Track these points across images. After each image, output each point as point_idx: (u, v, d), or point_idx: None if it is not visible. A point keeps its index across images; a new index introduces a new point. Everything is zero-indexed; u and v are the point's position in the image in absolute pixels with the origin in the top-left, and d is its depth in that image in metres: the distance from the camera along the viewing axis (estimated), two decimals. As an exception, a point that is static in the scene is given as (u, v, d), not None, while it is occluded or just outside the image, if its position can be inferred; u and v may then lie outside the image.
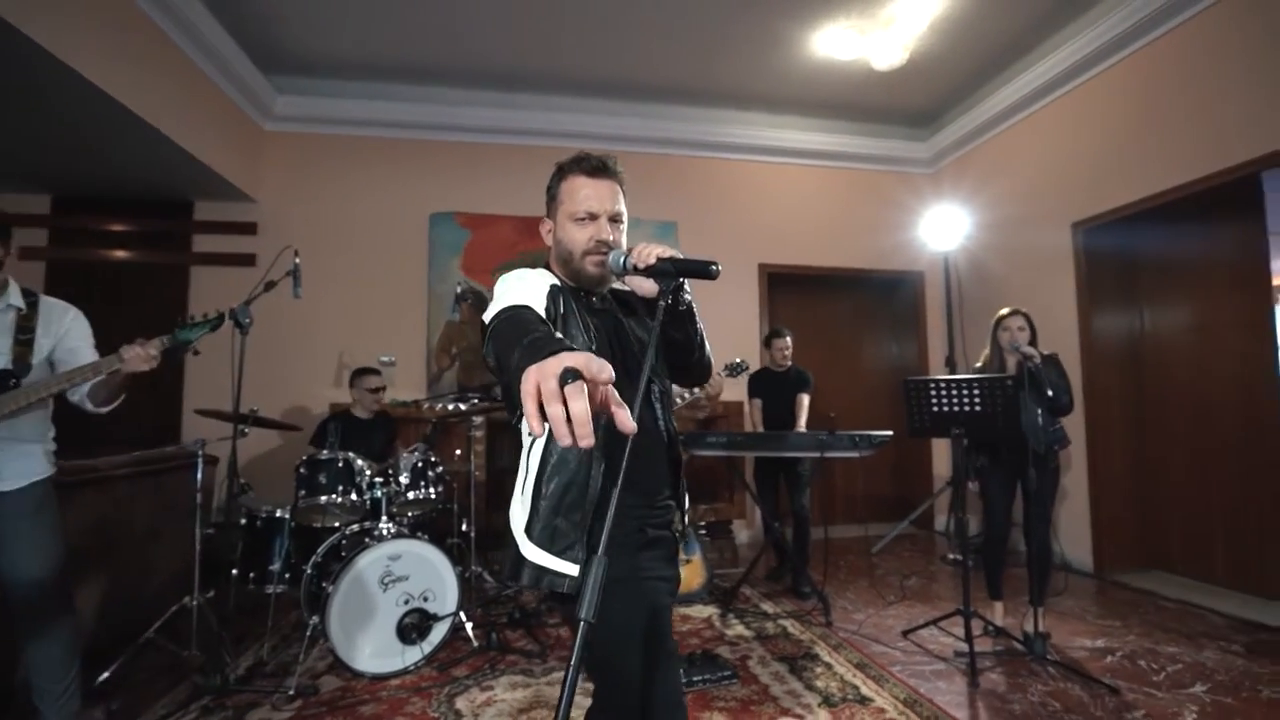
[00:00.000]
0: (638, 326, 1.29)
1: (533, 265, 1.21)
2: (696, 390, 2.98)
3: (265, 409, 3.18)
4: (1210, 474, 3.65)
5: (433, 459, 3.08)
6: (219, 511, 3.48)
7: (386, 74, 4.31)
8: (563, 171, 1.27)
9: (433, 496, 3.01)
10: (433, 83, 4.45)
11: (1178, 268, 3.87)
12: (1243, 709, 2.22)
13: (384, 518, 2.78)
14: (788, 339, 3.90)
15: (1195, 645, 2.80)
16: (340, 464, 2.78)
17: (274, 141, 4.50)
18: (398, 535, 2.68)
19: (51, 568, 1.91)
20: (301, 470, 2.77)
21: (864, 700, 2.30)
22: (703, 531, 4.31)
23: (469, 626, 2.81)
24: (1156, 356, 3.99)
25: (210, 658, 2.47)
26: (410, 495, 2.93)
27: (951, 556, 4.27)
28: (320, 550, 2.74)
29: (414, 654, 2.61)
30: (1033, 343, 2.84)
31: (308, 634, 2.51)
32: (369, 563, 2.56)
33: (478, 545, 3.39)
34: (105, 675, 2.34)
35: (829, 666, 2.60)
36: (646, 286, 1.18)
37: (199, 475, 2.61)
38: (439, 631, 2.68)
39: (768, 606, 3.40)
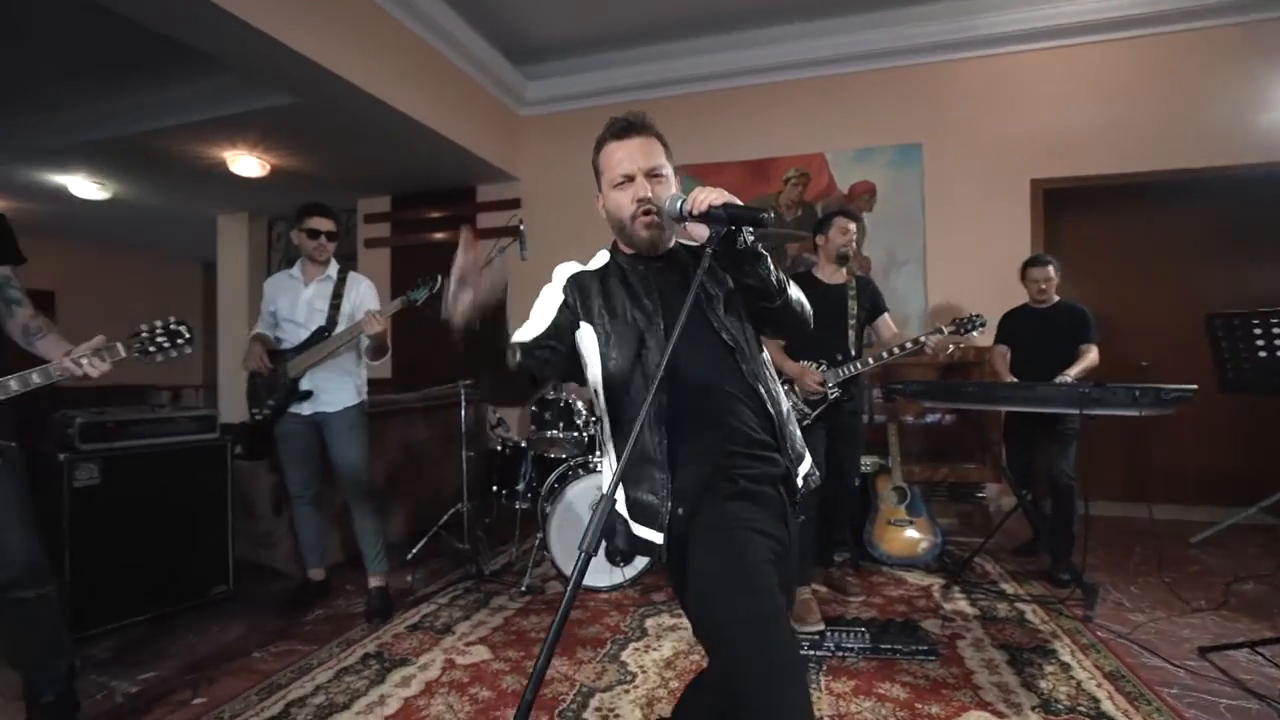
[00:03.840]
0: (709, 282, 1.25)
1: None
2: (909, 344, 2.62)
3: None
4: None
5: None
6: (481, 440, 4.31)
7: (612, 43, 4.54)
8: (599, 144, 1.28)
9: (642, 437, 3.27)
10: (656, 41, 4.54)
11: None
12: None
13: (598, 453, 3.12)
14: (1049, 269, 3.16)
15: None
16: (561, 404, 3.19)
17: (528, 125, 5.15)
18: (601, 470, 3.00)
19: (362, 469, 2.65)
20: (533, 408, 3.27)
21: (1100, 716, 1.86)
22: (941, 493, 3.86)
23: (672, 558, 3.02)
24: None
25: (474, 552, 3.13)
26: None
27: (1329, 562, 3.06)
28: (552, 477, 3.22)
29: (628, 572, 2.92)
30: None
31: (537, 545, 3.00)
32: (579, 491, 2.92)
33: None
34: (411, 554, 3.15)
35: (1065, 668, 2.15)
36: (700, 233, 1.14)
37: (463, 411, 3.27)
38: (642, 559, 2.95)
39: (1008, 586, 2.92)
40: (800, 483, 1.24)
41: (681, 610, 2.49)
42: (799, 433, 1.30)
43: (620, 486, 1.17)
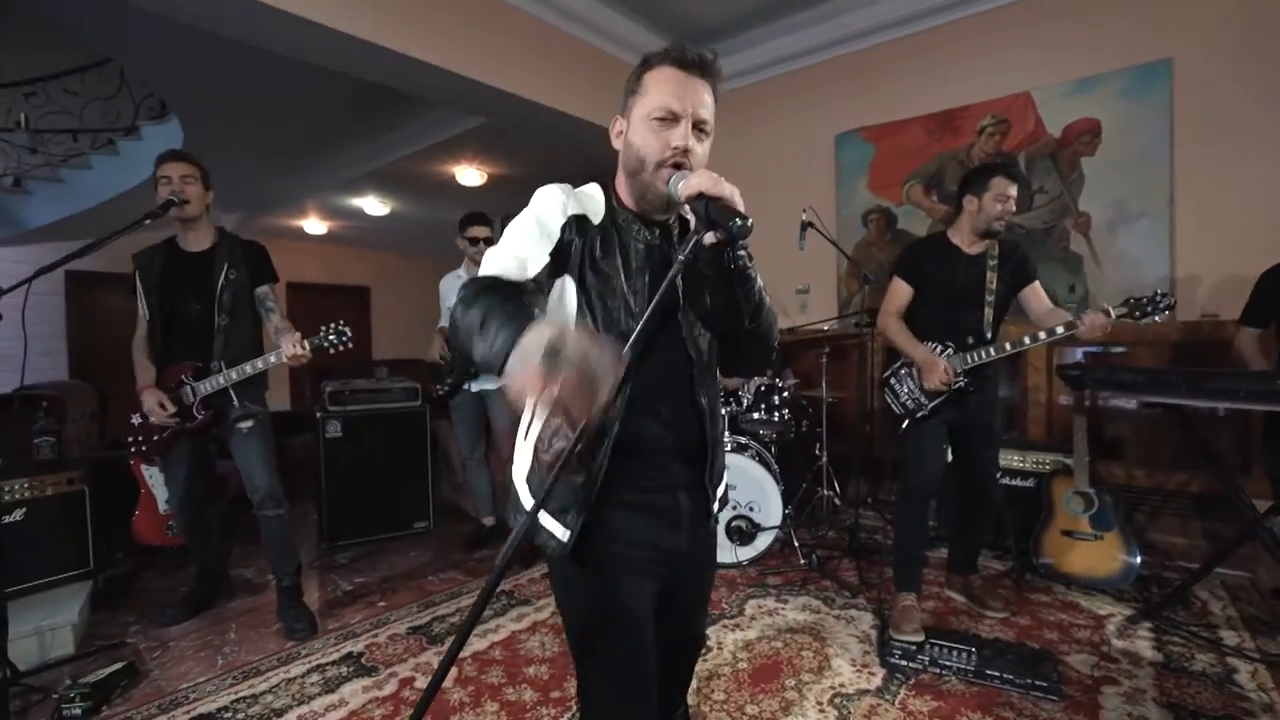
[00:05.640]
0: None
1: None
2: (1059, 329, 2.12)
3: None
4: None
5: (778, 384, 3.27)
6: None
7: (777, 9, 4.36)
8: (648, 62, 1.04)
9: (775, 420, 3.23)
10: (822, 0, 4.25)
11: None
12: None
13: (726, 433, 3.18)
14: None
15: None
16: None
17: (704, 106, 5.22)
18: (734, 450, 3.04)
19: (510, 437, 3.13)
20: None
21: (1270, 814, 1.43)
22: (1180, 506, 3.08)
23: (797, 543, 2.98)
24: None
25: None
26: (754, 416, 3.23)
27: None
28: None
29: (745, 553, 2.97)
30: None
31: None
32: (701, 469, 3.02)
33: (836, 470, 3.43)
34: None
35: (1256, 746, 1.66)
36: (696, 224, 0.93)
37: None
38: (764, 540, 2.96)
39: (1231, 634, 2.26)
40: (715, 504, 1.16)
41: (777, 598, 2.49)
42: (724, 456, 1.21)
43: (528, 470, 1.05)
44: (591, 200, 1.06)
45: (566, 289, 1.00)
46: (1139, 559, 2.56)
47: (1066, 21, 3.59)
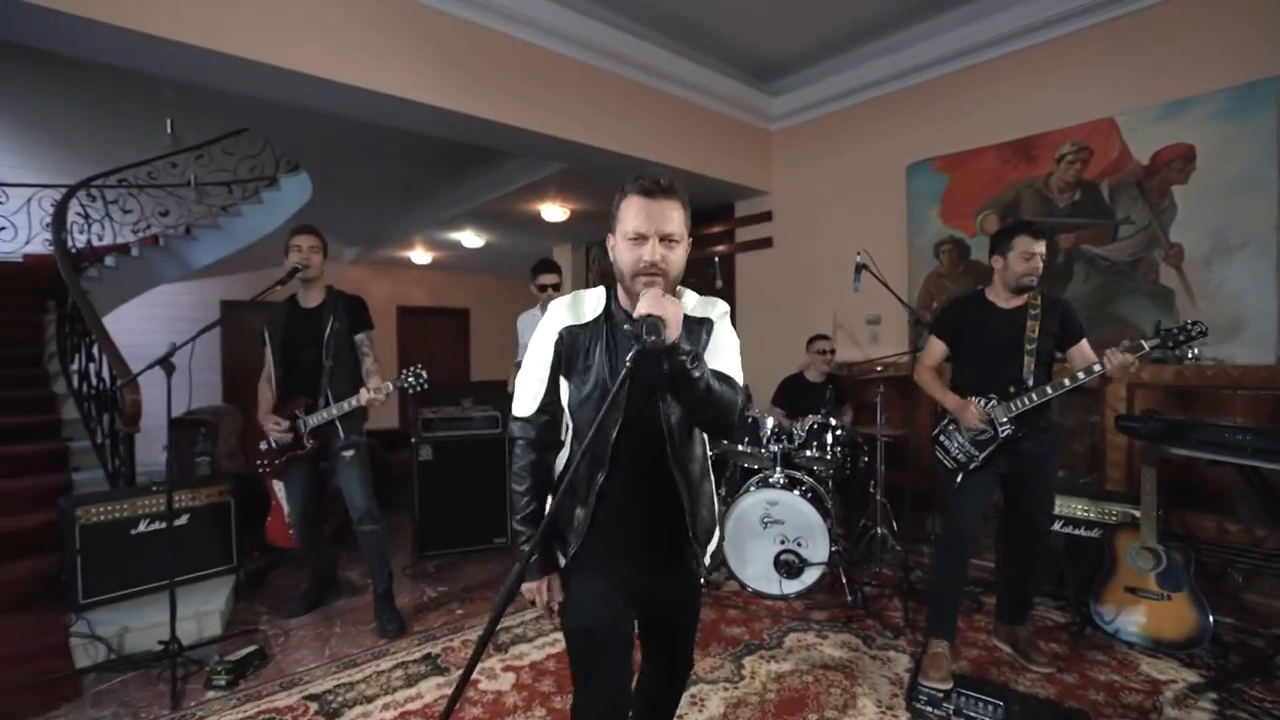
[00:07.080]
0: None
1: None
2: (1095, 367, 2.11)
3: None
4: None
5: (832, 422, 3.34)
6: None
7: (849, 42, 4.38)
8: (624, 191, 1.31)
9: (828, 457, 3.30)
10: (894, 30, 4.24)
11: None
12: None
13: (778, 469, 3.29)
14: None
15: None
16: (750, 420, 3.45)
17: (777, 139, 5.31)
18: (784, 486, 3.16)
19: None
20: (725, 422, 3.60)
21: None
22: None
23: (844, 580, 3.04)
24: None
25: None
26: (806, 453, 3.32)
27: None
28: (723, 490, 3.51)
29: (791, 587, 3.08)
30: None
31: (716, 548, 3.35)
32: (751, 503, 3.16)
33: (895, 504, 3.43)
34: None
35: (1296, 834, 1.59)
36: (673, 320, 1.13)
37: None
38: (811, 575, 3.05)
39: (1310, 713, 2.10)
40: (706, 559, 1.40)
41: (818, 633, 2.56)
42: (709, 516, 1.41)
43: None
44: (587, 304, 1.36)
45: (563, 386, 1.34)
46: (1212, 622, 2.41)
47: (1152, 44, 3.41)
